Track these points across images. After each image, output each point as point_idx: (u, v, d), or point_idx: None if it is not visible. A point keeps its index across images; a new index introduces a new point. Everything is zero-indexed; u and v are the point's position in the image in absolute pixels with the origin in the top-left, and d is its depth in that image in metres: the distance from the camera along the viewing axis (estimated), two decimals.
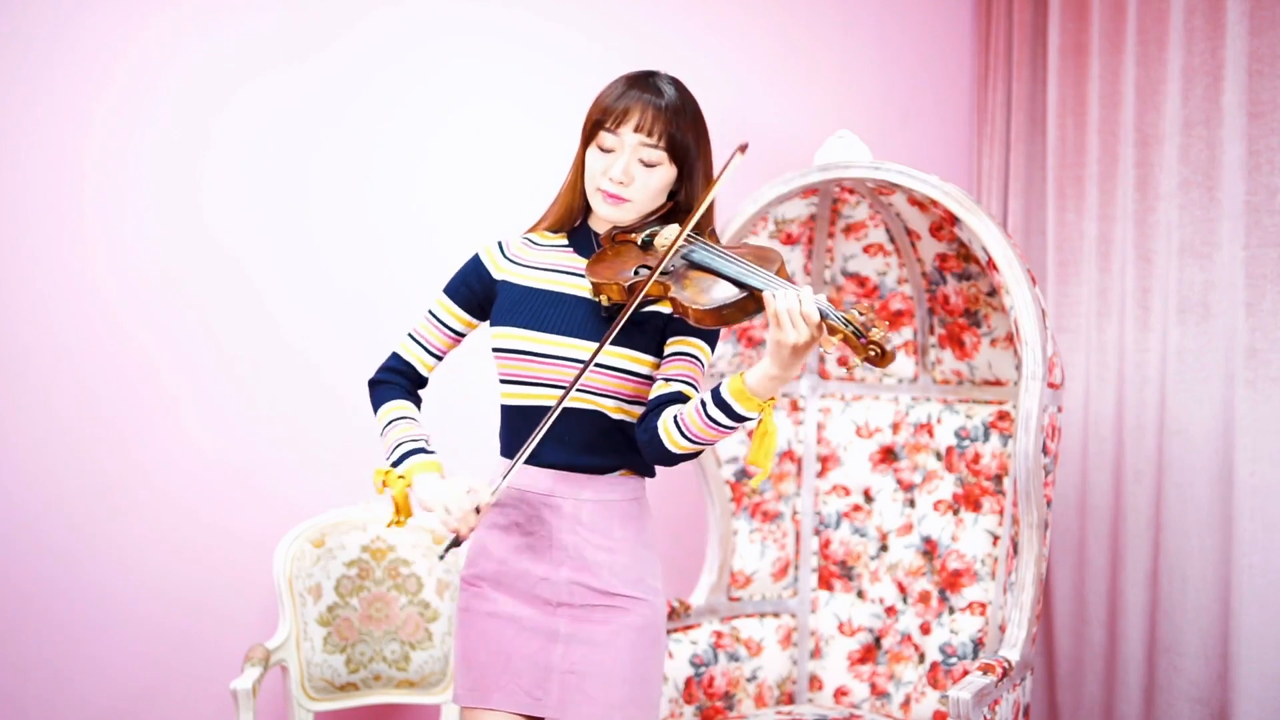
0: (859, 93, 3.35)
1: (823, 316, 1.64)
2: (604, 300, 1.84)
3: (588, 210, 1.97)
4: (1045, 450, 2.45)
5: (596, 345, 1.82)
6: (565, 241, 1.98)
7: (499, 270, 1.96)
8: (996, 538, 2.66)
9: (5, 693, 2.52)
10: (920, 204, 2.62)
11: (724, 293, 1.74)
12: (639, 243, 1.88)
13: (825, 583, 2.88)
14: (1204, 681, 2.81)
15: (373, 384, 1.99)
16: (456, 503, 1.77)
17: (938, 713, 2.64)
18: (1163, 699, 2.88)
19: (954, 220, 2.54)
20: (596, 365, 1.84)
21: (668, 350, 1.89)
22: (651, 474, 1.95)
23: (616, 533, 1.90)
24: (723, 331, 2.82)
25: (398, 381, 1.98)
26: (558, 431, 1.85)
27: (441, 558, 1.82)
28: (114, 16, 2.55)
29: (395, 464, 1.87)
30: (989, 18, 3.44)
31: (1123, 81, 3.02)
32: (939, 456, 2.77)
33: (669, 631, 2.69)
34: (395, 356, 1.99)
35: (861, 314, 1.64)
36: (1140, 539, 2.96)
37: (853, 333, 1.63)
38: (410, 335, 2.00)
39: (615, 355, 1.86)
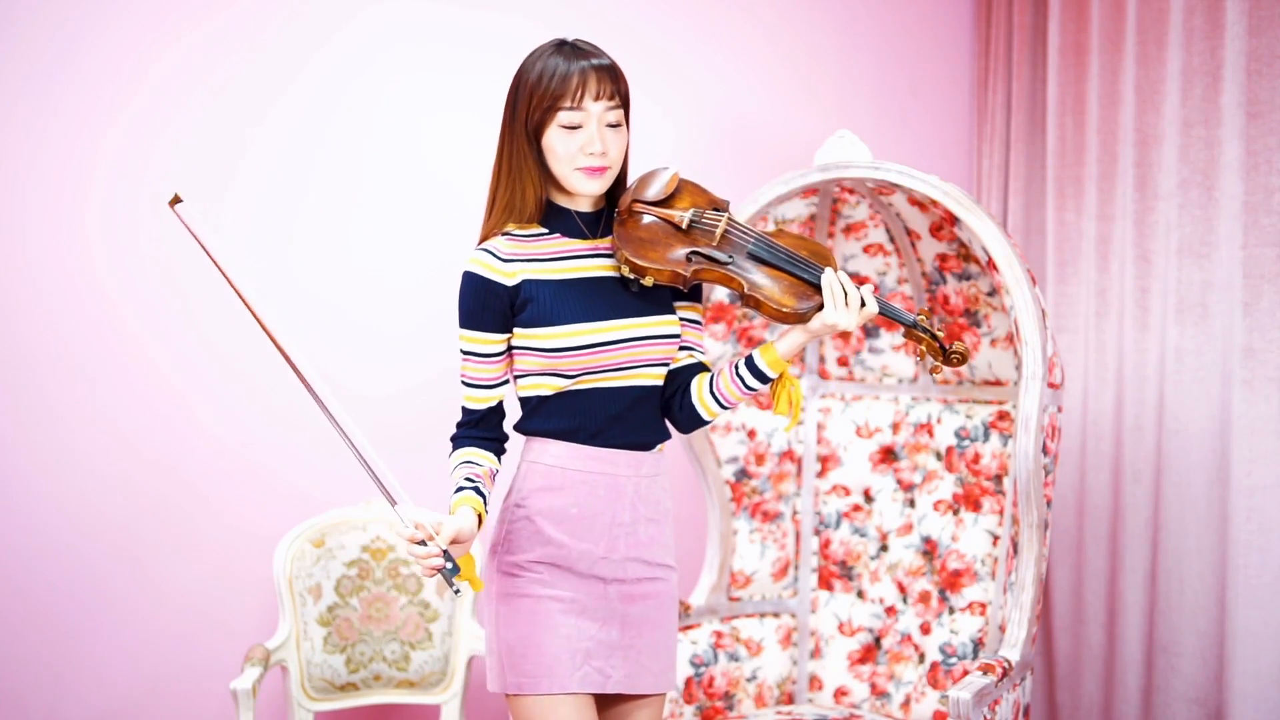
0: (859, 93, 3.35)
1: (909, 325, 1.97)
2: (648, 281, 1.87)
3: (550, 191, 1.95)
4: (1045, 450, 2.45)
5: (654, 317, 1.90)
6: (545, 230, 1.95)
7: (509, 275, 1.91)
8: (996, 538, 2.66)
9: (6, 693, 2.52)
10: (920, 204, 2.62)
11: (803, 300, 1.89)
12: (681, 224, 1.89)
13: (825, 583, 2.88)
14: (1201, 682, 2.81)
15: (452, 442, 1.98)
16: (405, 546, 1.77)
17: (938, 713, 2.64)
18: (1160, 699, 2.89)
19: (954, 220, 2.54)
20: (646, 337, 1.91)
21: (680, 316, 1.98)
22: (669, 437, 2.02)
23: (663, 504, 1.99)
24: (723, 329, 2.82)
25: (466, 435, 1.96)
26: (617, 411, 1.90)
27: (457, 592, 1.75)
28: (121, 27, 2.55)
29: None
30: (989, 18, 3.44)
31: (1122, 81, 3.02)
32: (939, 456, 2.77)
33: None
34: (463, 410, 1.97)
35: (929, 320, 1.96)
36: (1139, 539, 2.96)
37: (933, 341, 1.96)
38: (464, 383, 1.96)
39: (659, 324, 1.93)
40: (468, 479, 1.87)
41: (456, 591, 1.73)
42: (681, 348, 2.01)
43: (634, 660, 1.92)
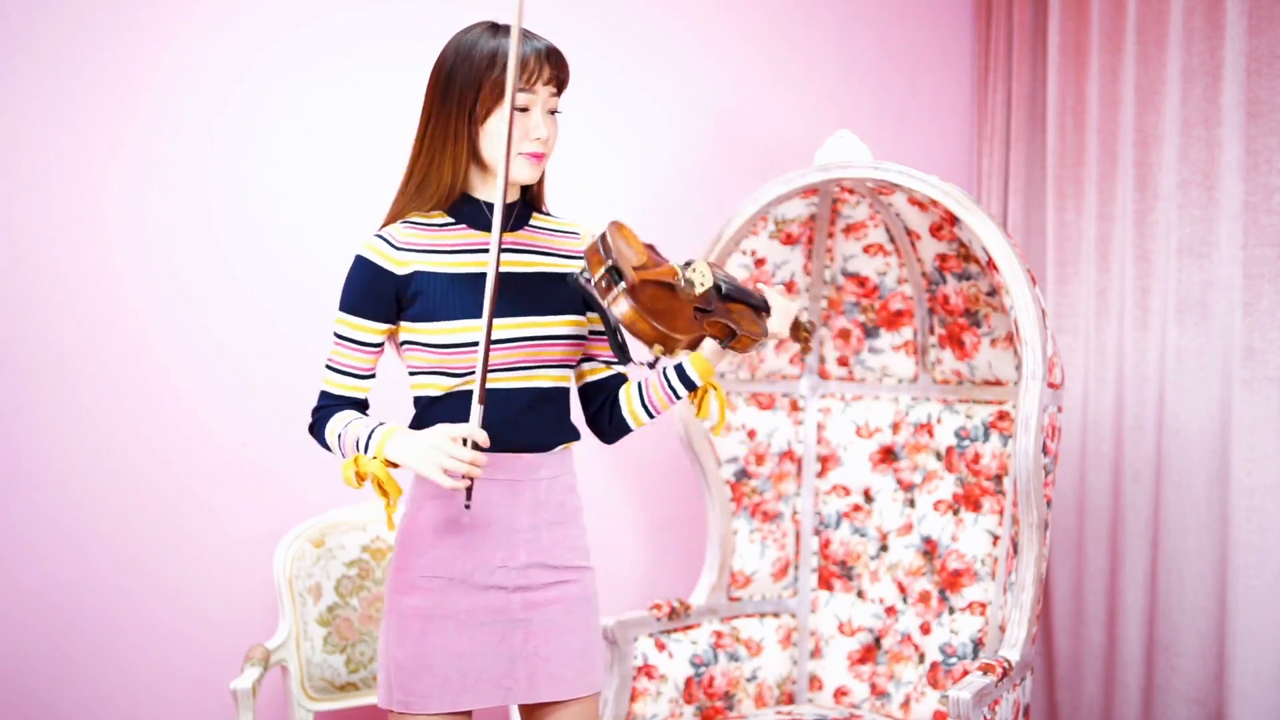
0: (859, 93, 3.35)
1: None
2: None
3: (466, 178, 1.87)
4: (1045, 450, 2.45)
5: (554, 317, 1.85)
6: (451, 220, 1.87)
7: (401, 265, 1.82)
8: (996, 538, 2.66)
9: (6, 693, 2.52)
10: (920, 204, 2.62)
11: (760, 320, 1.92)
12: (676, 285, 1.78)
13: (825, 583, 2.88)
14: (1201, 682, 2.81)
15: (311, 428, 1.88)
16: (443, 441, 1.72)
17: (938, 713, 2.64)
18: (1160, 699, 2.89)
19: (954, 220, 2.55)
20: (544, 337, 1.84)
21: (591, 328, 1.93)
22: (578, 438, 1.94)
23: (568, 506, 1.91)
24: None
25: (334, 405, 1.87)
26: (512, 413, 1.82)
27: (469, 507, 1.76)
28: (121, 23, 2.56)
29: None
30: (989, 18, 3.44)
31: (1122, 81, 3.02)
32: (939, 456, 2.77)
33: (668, 631, 2.70)
34: (324, 395, 1.88)
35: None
36: (1139, 539, 2.96)
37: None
38: (330, 367, 1.87)
39: (560, 324, 1.87)
40: (381, 421, 1.80)
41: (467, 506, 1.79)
42: (604, 361, 1.97)
43: (540, 668, 1.85)
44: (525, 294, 1.86)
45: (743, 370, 2.86)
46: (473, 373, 1.80)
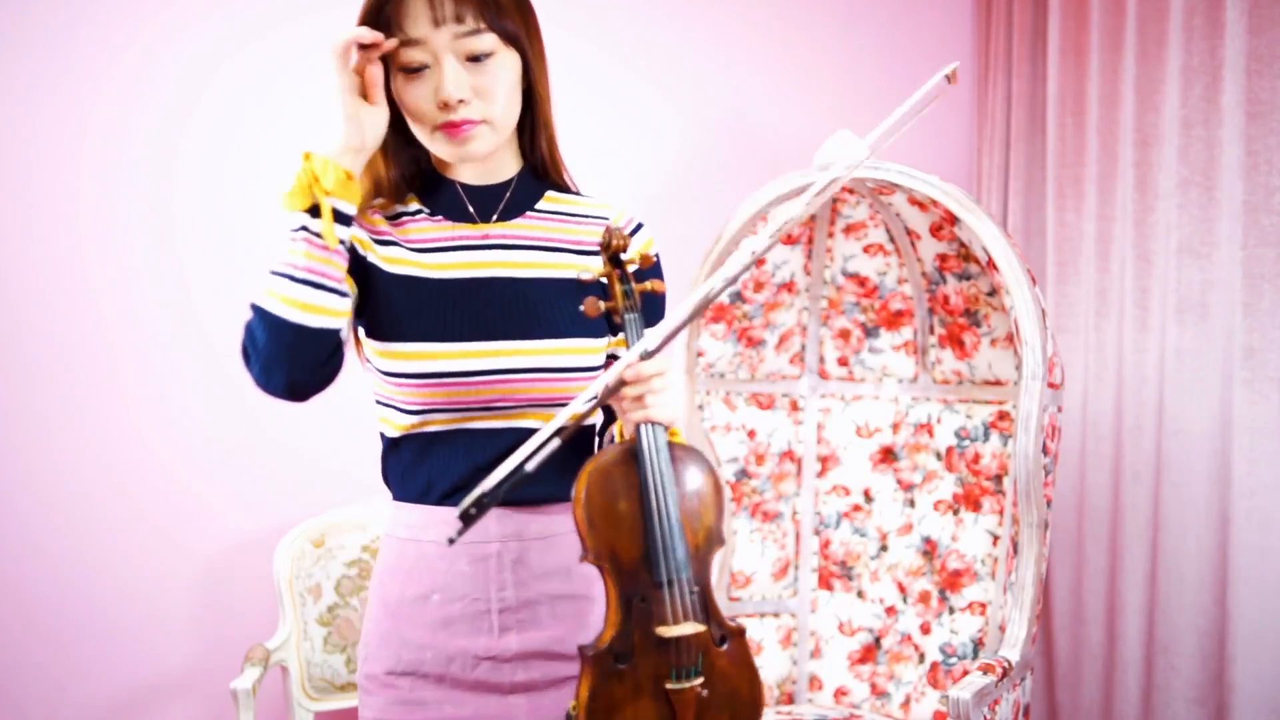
0: (859, 93, 3.35)
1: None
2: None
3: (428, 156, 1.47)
4: (1045, 450, 2.45)
5: (561, 341, 1.39)
6: (421, 208, 1.46)
7: (361, 244, 1.41)
8: (996, 538, 2.66)
9: (5, 693, 2.52)
10: (920, 204, 2.62)
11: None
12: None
13: (825, 583, 2.88)
14: (1201, 682, 2.81)
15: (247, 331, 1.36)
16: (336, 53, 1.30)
17: (938, 713, 2.64)
18: (1160, 699, 2.89)
19: (954, 220, 2.55)
20: (538, 370, 1.39)
21: (613, 351, 1.49)
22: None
23: (577, 572, 1.45)
24: (723, 329, 2.82)
25: None
26: (486, 461, 1.38)
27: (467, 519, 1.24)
28: (111, 15, 2.56)
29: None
30: (989, 18, 3.44)
31: (1122, 81, 3.02)
32: (939, 456, 2.77)
33: None
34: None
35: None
36: (1138, 539, 2.96)
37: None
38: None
39: (567, 351, 1.40)
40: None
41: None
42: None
43: None
44: (515, 308, 1.40)
45: (743, 370, 2.86)
46: (435, 411, 1.38)
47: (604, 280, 1.41)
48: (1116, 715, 3.00)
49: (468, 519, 1.19)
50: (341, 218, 1.33)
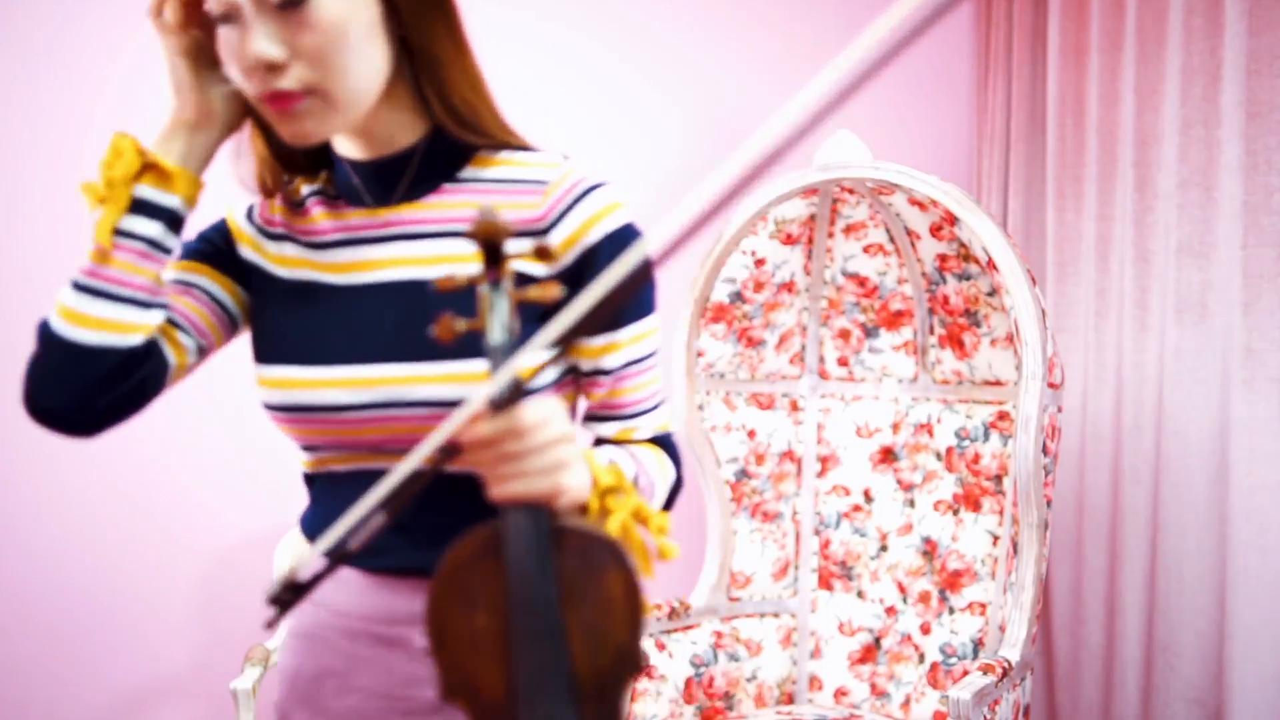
0: (859, 93, 3.35)
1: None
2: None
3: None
4: (1045, 450, 2.45)
5: (462, 364, 1.03)
6: (321, 186, 1.18)
7: (243, 241, 1.17)
8: (996, 538, 2.66)
9: (5, 694, 2.52)
10: (920, 204, 2.62)
11: None
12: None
13: (825, 583, 2.88)
14: (1201, 683, 2.81)
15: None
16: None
17: (938, 713, 2.64)
18: (1159, 699, 2.89)
19: (954, 220, 2.55)
20: (430, 403, 1.04)
21: (587, 364, 1.13)
22: None
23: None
24: (723, 330, 2.82)
25: None
26: (398, 519, 1.03)
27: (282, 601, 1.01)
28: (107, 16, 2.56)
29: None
30: (989, 18, 3.44)
31: (1122, 81, 3.02)
32: (939, 456, 2.77)
33: (668, 631, 2.69)
34: None
35: None
36: (1138, 539, 2.96)
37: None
38: None
39: (463, 377, 1.04)
40: None
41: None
42: (596, 416, 1.14)
43: None
44: (414, 321, 1.05)
45: (743, 370, 2.86)
46: (321, 449, 1.11)
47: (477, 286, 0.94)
48: (1116, 715, 3.00)
49: (280, 605, 0.95)
50: (158, 210, 1.08)
